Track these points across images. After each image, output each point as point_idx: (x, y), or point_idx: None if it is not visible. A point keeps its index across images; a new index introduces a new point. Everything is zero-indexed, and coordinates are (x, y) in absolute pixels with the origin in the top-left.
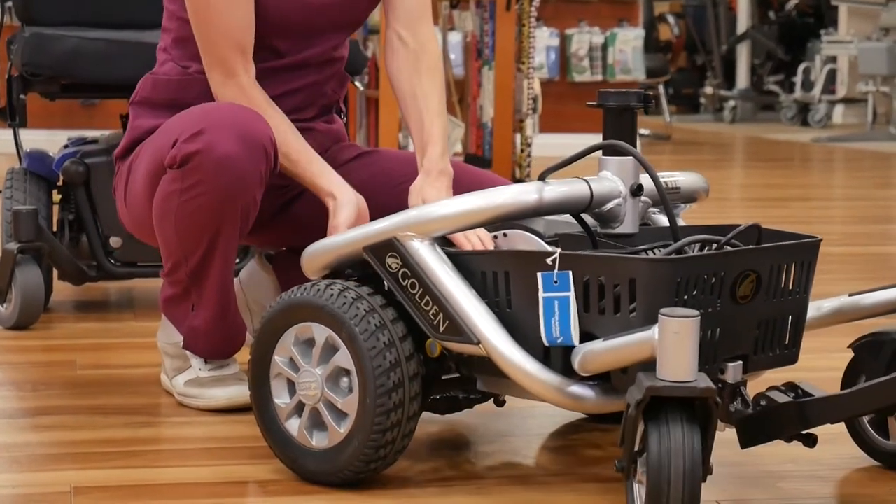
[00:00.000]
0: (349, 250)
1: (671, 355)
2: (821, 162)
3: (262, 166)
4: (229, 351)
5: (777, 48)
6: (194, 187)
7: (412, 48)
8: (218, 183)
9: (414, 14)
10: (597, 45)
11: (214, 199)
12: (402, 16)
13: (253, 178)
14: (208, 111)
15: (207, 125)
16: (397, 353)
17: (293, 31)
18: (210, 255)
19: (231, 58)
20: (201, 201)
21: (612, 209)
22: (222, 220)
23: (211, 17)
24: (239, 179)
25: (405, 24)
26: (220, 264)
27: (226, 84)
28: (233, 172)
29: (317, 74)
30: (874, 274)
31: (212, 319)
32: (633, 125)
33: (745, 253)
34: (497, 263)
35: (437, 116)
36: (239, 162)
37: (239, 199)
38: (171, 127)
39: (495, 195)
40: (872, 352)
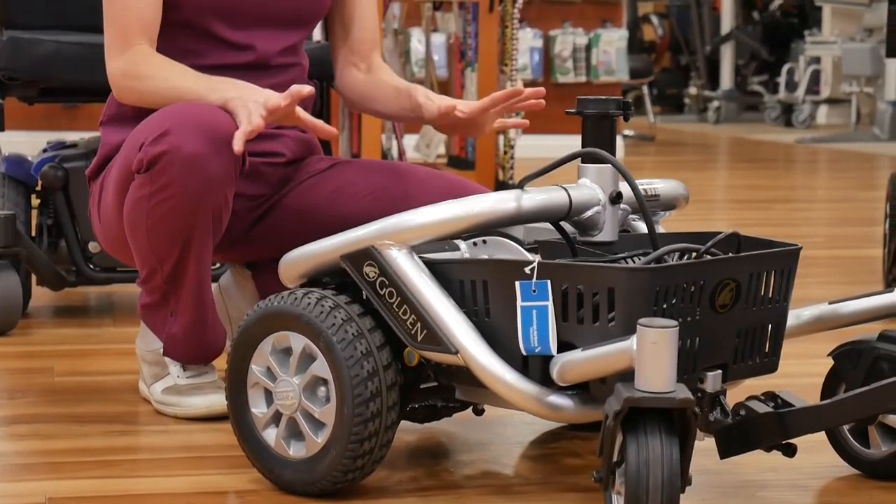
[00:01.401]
0: (327, 258)
1: (649, 366)
2: (804, 163)
3: (230, 163)
4: (209, 356)
5: (761, 48)
6: (163, 190)
7: (365, 72)
8: (187, 183)
9: (367, 49)
10: (580, 47)
11: (184, 200)
12: (357, 52)
13: (222, 177)
14: (171, 112)
15: (171, 125)
16: (375, 363)
17: (242, 15)
18: (184, 260)
19: (130, 32)
20: (171, 204)
21: (591, 217)
22: (194, 221)
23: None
24: (208, 179)
25: (362, 58)
26: (195, 269)
27: (119, 57)
28: (201, 172)
29: (279, 77)
30: (857, 278)
31: (190, 325)
32: (612, 132)
33: (725, 261)
34: (475, 272)
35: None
36: (206, 161)
37: (210, 199)
38: (137, 133)
39: (474, 203)
40: (852, 360)
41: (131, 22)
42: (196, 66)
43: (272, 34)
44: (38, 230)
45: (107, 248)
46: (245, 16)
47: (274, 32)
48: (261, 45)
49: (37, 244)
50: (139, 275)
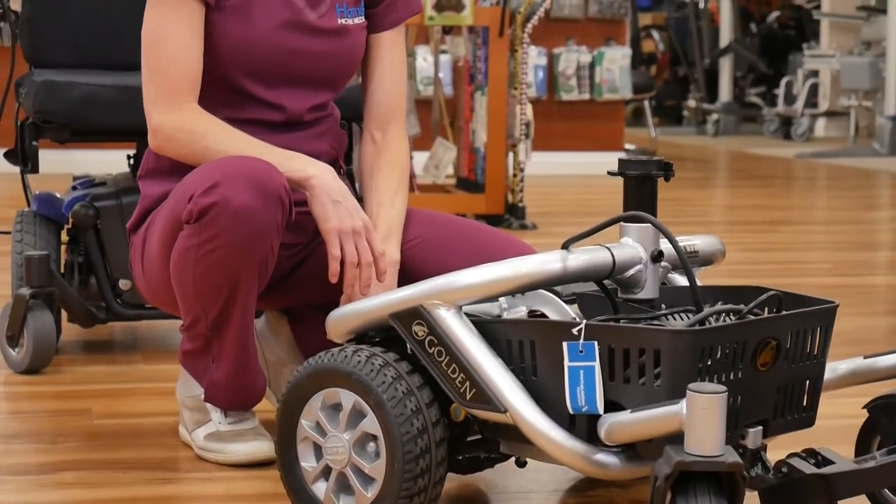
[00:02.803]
0: (375, 316)
1: (699, 430)
2: (804, 180)
3: (278, 215)
4: (250, 403)
5: (759, 61)
6: (211, 241)
7: (379, 146)
8: (235, 235)
9: (385, 117)
10: (584, 64)
11: (232, 251)
12: (374, 118)
13: (270, 229)
14: (221, 165)
15: (222, 178)
16: (424, 420)
17: (269, 74)
18: (229, 309)
19: (181, 87)
20: (219, 255)
21: (633, 275)
22: (240, 272)
23: (164, 46)
24: (256, 230)
25: (378, 124)
26: (239, 317)
27: (172, 111)
28: (250, 224)
29: (310, 130)
30: (867, 308)
31: (232, 372)
32: (654, 193)
33: (766, 321)
34: (523, 332)
35: (382, 207)
36: (255, 213)
37: (257, 251)
38: (185, 185)
39: (521, 264)
40: (887, 414)
41: (179, 76)
42: (230, 120)
43: (301, 93)
44: (68, 268)
45: (150, 298)
46: (272, 75)
47: (302, 92)
48: (290, 105)
49: (67, 282)
50: (182, 322)
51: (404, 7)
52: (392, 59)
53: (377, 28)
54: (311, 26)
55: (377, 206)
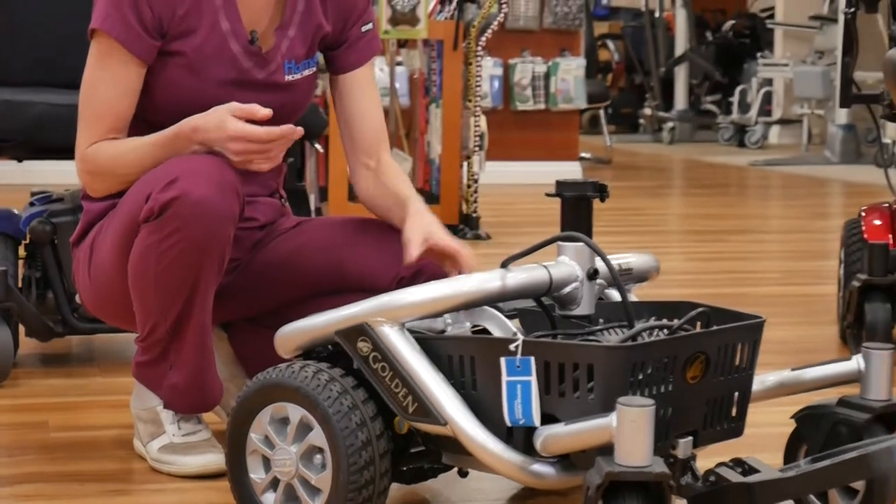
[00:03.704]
0: (321, 333)
1: (628, 442)
2: (757, 188)
3: (235, 207)
4: (209, 404)
5: (714, 70)
6: (173, 234)
7: (376, 171)
8: (196, 227)
9: (374, 147)
10: (539, 75)
11: (194, 244)
12: (365, 149)
13: (228, 219)
14: (177, 162)
15: (179, 173)
16: (368, 432)
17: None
18: (190, 307)
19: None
20: (182, 247)
21: (569, 293)
22: (202, 265)
23: (92, 101)
24: (216, 221)
25: (369, 154)
26: (199, 315)
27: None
28: (210, 215)
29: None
30: (811, 318)
31: (192, 374)
32: (589, 213)
33: (695, 336)
34: (463, 348)
35: (403, 183)
36: (215, 204)
37: (217, 242)
38: (139, 187)
39: (461, 283)
40: (813, 424)
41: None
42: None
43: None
44: (25, 282)
45: (96, 309)
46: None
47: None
48: None
49: (25, 296)
50: (139, 333)
51: (366, 49)
52: (365, 95)
53: (342, 70)
54: (259, 83)
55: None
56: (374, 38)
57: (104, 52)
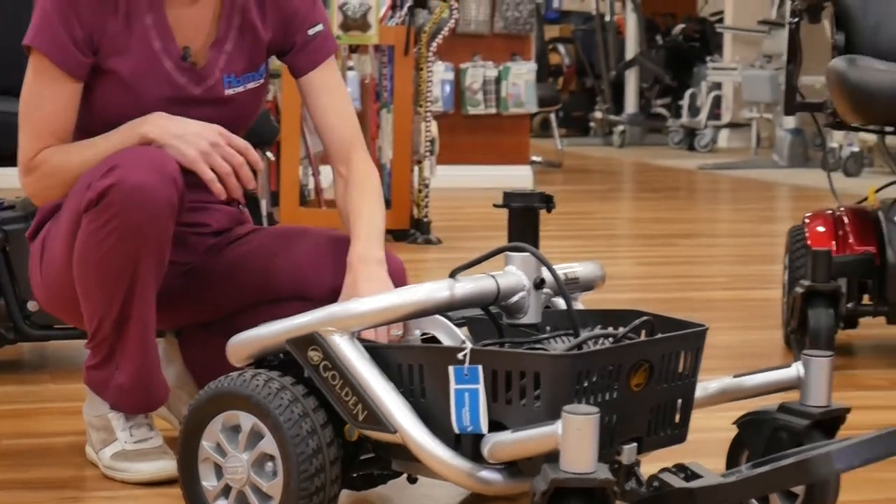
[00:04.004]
0: (273, 342)
1: (573, 449)
2: (707, 192)
3: (173, 196)
4: (155, 403)
5: (664, 74)
6: (110, 221)
7: (346, 178)
8: (132, 213)
9: (344, 151)
10: (490, 79)
11: (131, 228)
12: (336, 154)
13: (165, 208)
14: (118, 153)
15: (119, 161)
16: (319, 440)
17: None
18: (130, 300)
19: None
20: (120, 234)
21: (517, 302)
22: (140, 252)
23: (32, 115)
24: (152, 208)
25: (340, 160)
26: (139, 311)
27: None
28: (146, 201)
29: None
30: (758, 322)
31: (136, 372)
32: (536, 223)
33: (639, 345)
34: (412, 357)
35: (364, 217)
36: (151, 190)
37: (153, 230)
38: (84, 177)
39: (411, 293)
40: (754, 429)
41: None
42: None
43: None
44: None
45: (49, 305)
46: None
47: None
48: None
49: None
50: (88, 333)
51: (315, 51)
52: (328, 97)
53: (297, 74)
54: (198, 99)
55: (355, 220)
56: (325, 39)
57: (38, 69)
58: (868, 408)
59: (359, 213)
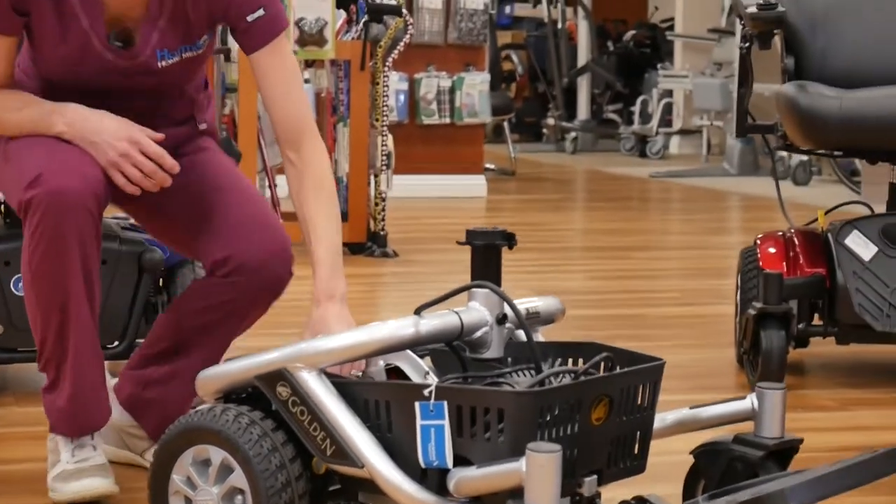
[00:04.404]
0: (241, 377)
1: (537, 486)
2: (658, 202)
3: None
4: (94, 425)
5: (616, 81)
6: (36, 228)
7: (298, 168)
8: (52, 216)
9: (293, 135)
10: (444, 89)
11: (53, 231)
12: (283, 138)
13: (82, 208)
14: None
15: (44, 169)
16: (288, 474)
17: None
18: (66, 318)
19: None
20: (45, 240)
21: (480, 337)
22: (65, 258)
23: None
24: (71, 209)
25: (289, 144)
26: (76, 330)
27: None
28: (65, 203)
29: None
30: (709, 340)
31: (74, 392)
32: (498, 260)
33: (599, 380)
34: (379, 393)
35: (323, 238)
36: (69, 193)
37: (73, 229)
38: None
39: (377, 330)
40: (710, 459)
41: None
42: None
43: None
44: None
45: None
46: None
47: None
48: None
49: None
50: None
51: (257, 34)
52: (275, 78)
53: (247, 52)
54: (129, 70)
55: (315, 240)
56: (269, 22)
57: None
58: (819, 430)
59: (318, 231)
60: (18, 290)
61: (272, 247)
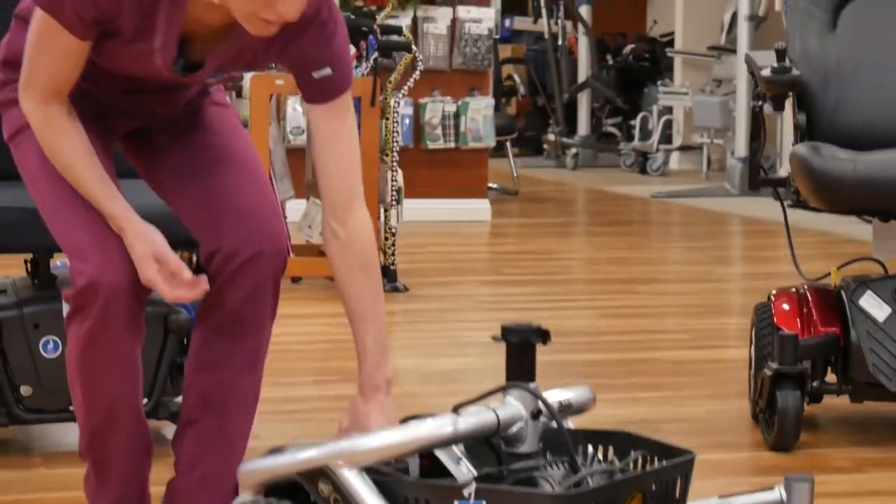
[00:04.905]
0: (283, 472)
1: None
2: (660, 225)
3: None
4: None
5: (616, 97)
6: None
7: (343, 240)
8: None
9: (342, 204)
10: (449, 114)
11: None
12: (330, 206)
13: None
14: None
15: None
16: None
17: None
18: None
19: (46, 94)
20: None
21: (516, 432)
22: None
23: (42, 57)
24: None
25: (334, 214)
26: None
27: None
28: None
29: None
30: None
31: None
32: (532, 356)
33: (633, 479)
34: (420, 491)
35: (371, 324)
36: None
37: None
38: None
39: (417, 429)
40: None
41: (50, 85)
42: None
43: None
44: None
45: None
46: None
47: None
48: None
49: None
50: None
51: (322, 91)
52: (330, 141)
53: (306, 99)
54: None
55: (363, 327)
56: (332, 81)
57: (46, 29)
58: (835, 495)
59: (366, 316)
60: (48, 352)
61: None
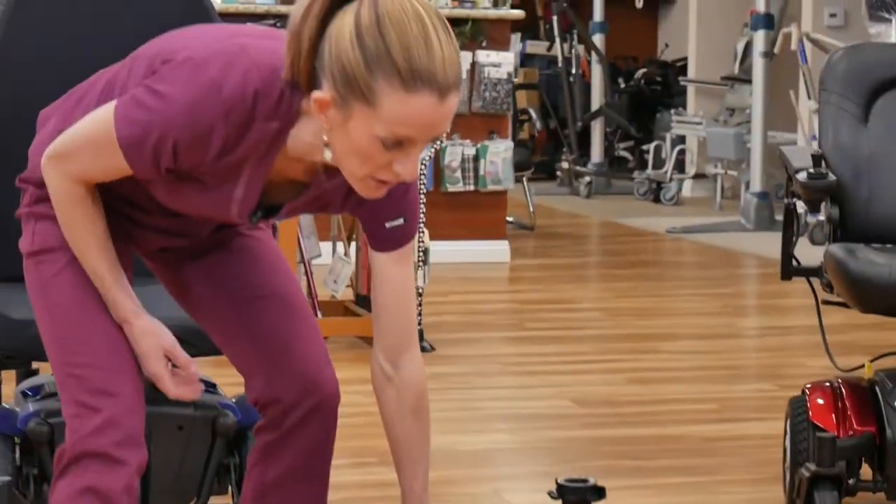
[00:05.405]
0: None
1: None
2: (676, 267)
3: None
4: None
5: (629, 126)
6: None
7: (396, 384)
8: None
9: (396, 347)
10: (469, 157)
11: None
12: (384, 348)
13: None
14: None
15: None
16: None
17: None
18: None
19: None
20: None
21: None
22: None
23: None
24: (111, 468)
25: (388, 356)
26: None
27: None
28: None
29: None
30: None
31: None
32: None
33: None
34: None
35: (419, 464)
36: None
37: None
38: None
39: None
40: None
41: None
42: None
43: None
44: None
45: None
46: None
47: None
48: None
49: (22, 492)
50: None
51: (391, 241)
52: (392, 287)
53: (372, 246)
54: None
55: (411, 471)
56: (401, 232)
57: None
58: None
59: (414, 460)
60: None
61: (323, 397)
